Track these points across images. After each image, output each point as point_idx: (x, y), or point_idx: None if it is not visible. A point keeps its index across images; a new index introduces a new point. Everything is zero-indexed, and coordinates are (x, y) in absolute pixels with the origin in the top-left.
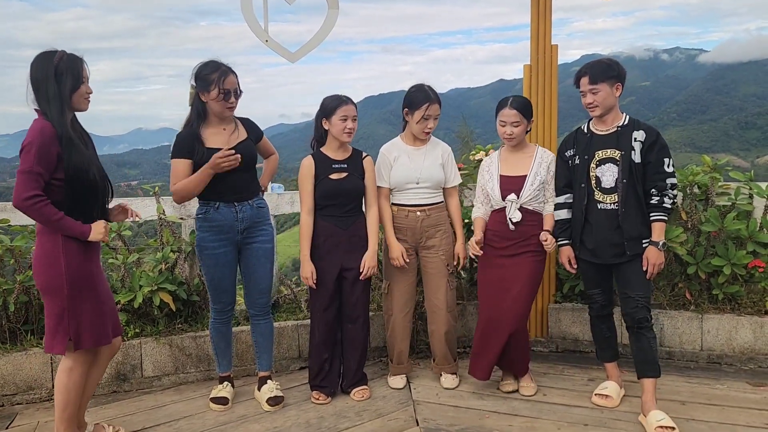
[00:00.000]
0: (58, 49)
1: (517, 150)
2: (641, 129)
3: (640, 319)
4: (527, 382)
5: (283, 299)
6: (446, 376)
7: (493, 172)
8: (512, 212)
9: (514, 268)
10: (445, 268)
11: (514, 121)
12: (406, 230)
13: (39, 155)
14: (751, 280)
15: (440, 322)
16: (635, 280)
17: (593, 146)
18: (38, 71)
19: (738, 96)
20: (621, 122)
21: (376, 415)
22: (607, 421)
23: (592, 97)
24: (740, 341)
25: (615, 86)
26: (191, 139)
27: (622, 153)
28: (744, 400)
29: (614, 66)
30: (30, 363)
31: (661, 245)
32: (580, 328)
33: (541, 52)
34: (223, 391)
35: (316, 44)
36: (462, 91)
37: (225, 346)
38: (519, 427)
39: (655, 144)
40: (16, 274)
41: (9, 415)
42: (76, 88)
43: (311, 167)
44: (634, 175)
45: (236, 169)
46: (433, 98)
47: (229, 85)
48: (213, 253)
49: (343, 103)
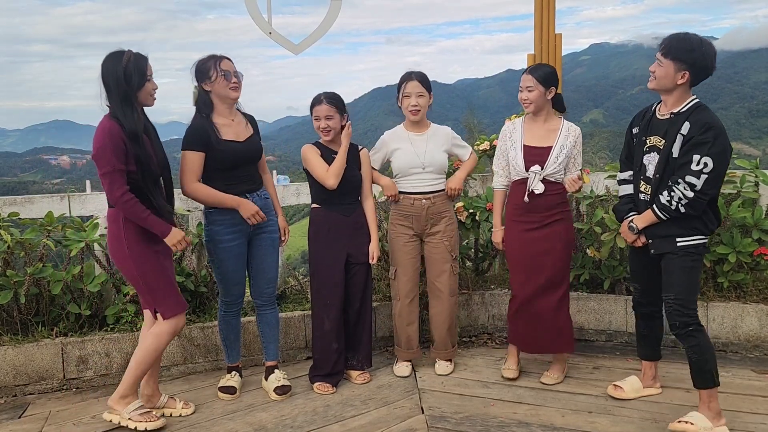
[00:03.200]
0: (125, 49)
1: (543, 121)
2: (691, 120)
3: (672, 324)
4: (554, 372)
5: (289, 290)
6: (440, 363)
7: (516, 140)
8: (535, 184)
9: (544, 241)
10: (448, 254)
11: (528, 85)
12: (412, 218)
13: (116, 154)
14: (756, 268)
15: (441, 306)
16: (669, 281)
17: (649, 130)
18: (108, 72)
19: (749, 84)
20: (679, 108)
21: (382, 403)
22: (611, 408)
23: (654, 67)
24: (745, 329)
25: (682, 73)
26: (205, 129)
27: (664, 143)
28: (749, 387)
29: (695, 53)
30: (41, 354)
31: (630, 227)
32: (585, 317)
33: (544, 41)
34: (231, 380)
35: (319, 36)
36: (470, 81)
37: (234, 337)
38: (523, 415)
39: (695, 137)
40: (26, 267)
41: (21, 404)
42: (142, 86)
43: (315, 148)
44: (669, 169)
45: (248, 161)
46: (411, 77)
47: (225, 66)
48: (227, 246)
49: (316, 103)
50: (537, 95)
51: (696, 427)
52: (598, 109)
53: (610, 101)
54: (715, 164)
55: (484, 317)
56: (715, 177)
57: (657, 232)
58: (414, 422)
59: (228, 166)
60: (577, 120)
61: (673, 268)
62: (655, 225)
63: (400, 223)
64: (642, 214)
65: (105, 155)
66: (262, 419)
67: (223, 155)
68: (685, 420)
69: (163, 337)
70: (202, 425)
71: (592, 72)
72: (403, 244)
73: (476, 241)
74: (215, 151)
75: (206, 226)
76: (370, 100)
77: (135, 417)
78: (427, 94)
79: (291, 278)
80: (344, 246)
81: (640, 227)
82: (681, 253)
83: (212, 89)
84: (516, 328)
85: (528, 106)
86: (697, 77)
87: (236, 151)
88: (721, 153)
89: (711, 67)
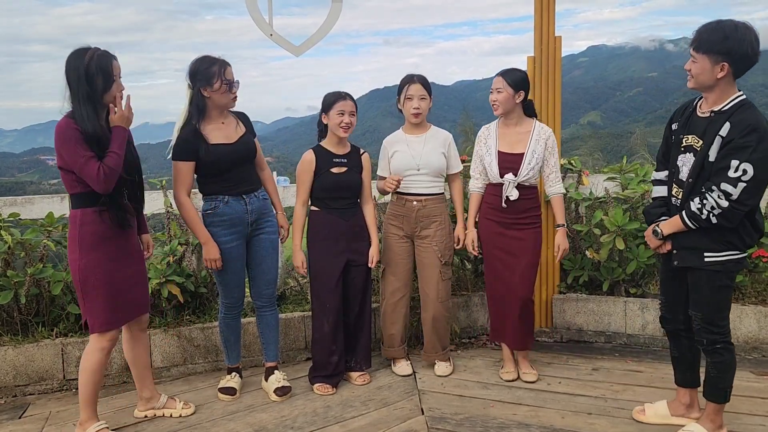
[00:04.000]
0: (90, 47)
1: (515, 124)
2: (732, 120)
3: (699, 341)
4: (528, 369)
5: (289, 291)
6: (440, 364)
7: (491, 146)
8: (509, 190)
9: (517, 242)
10: (437, 260)
11: (498, 87)
12: (402, 218)
13: (82, 145)
14: (755, 269)
15: (429, 310)
16: (696, 300)
17: (687, 128)
18: (70, 71)
19: (746, 86)
20: (721, 106)
21: (382, 404)
22: (610, 410)
23: (689, 65)
24: (744, 330)
25: (720, 65)
26: (194, 138)
27: (702, 144)
28: (747, 388)
29: (730, 41)
30: (41, 354)
31: (654, 230)
32: (584, 319)
33: (544, 43)
34: (231, 381)
35: (320, 37)
36: (468, 83)
37: (235, 339)
38: (523, 416)
39: (735, 140)
40: (26, 267)
41: (22, 405)
42: (108, 89)
43: (312, 162)
44: (704, 174)
45: (242, 161)
46: (414, 79)
47: (230, 75)
48: (226, 248)
49: (341, 98)
50: (505, 97)
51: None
52: (596, 111)
53: (607, 103)
54: (756, 172)
55: (483, 318)
56: (755, 186)
57: (683, 242)
58: (414, 423)
59: (221, 169)
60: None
61: (702, 287)
62: (682, 234)
63: (392, 222)
64: (669, 220)
65: (73, 149)
66: (262, 420)
67: (213, 160)
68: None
69: (91, 355)
70: (203, 426)
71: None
72: (393, 243)
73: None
74: (205, 158)
75: None
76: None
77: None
78: (428, 97)
79: (291, 279)
80: (343, 250)
81: (665, 234)
82: (710, 269)
83: (211, 96)
84: (493, 324)
85: (496, 108)
86: (739, 67)
87: (227, 154)
88: (763, 159)
89: (754, 54)
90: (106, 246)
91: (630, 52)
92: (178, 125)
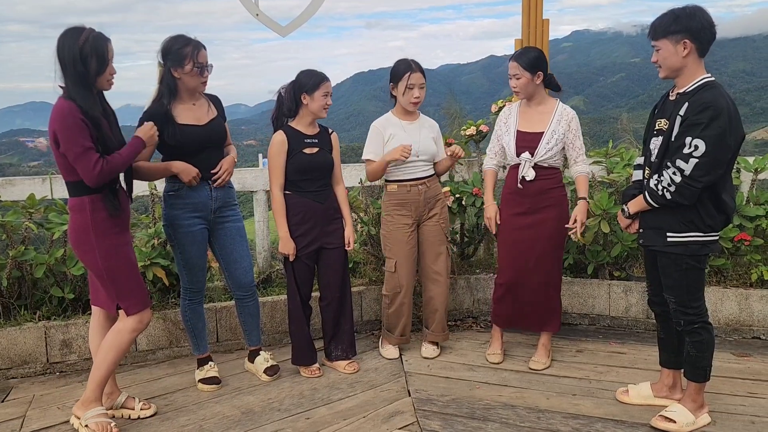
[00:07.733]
0: (85, 27)
1: (536, 104)
2: (691, 100)
3: (676, 322)
4: (539, 357)
5: (275, 274)
6: (426, 346)
7: (510, 126)
8: (525, 170)
9: (534, 228)
10: (444, 236)
11: (514, 73)
12: (410, 205)
13: (82, 134)
14: (737, 253)
15: (439, 288)
16: (666, 284)
17: (660, 112)
18: (64, 51)
19: (727, 72)
20: (685, 88)
21: (369, 386)
22: (594, 391)
23: (654, 56)
24: (725, 313)
25: (681, 43)
26: (160, 117)
27: (668, 126)
28: (728, 369)
29: (681, 18)
30: (24, 338)
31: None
32: (569, 301)
33: (532, 26)
34: (211, 371)
35: (306, 18)
36: (452, 67)
37: (202, 326)
38: (508, 397)
39: (689, 118)
40: (8, 250)
41: (4, 389)
42: (102, 72)
43: (284, 143)
44: (669, 154)
45: (208, 147)
46: (414, 68)
47: (203, 59)
48: (189, 231)
49: (325, 80)
50: (525, 82)
51: (678, 425)
52: (579, 96)
53: (591, 88)
54: (708, 148)
55: (469, 301)
56: (707, 162)
57: (649, 222)
58: (401, 405)
59: (189, 151)
60: None
61: (669, 270)
62: (648, 214)
63: (398, 212)
64: (635, 199)
65: (72, 136)
66: (249, 402)
67: (180, 140)
68: (666, 416)
69: (125, 335)
70: (189, 408)
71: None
72: (400, 235)
73: (462, 226)
74: (169, 140)
75: (165, 210)
76: (353, 85)
77: (91, 424)
78: (425, 85)
79: (277, 262)
80: (317, 234)
81: (631, 212)
82: (674, 252)
83: (182, 78)
84: (500, 309)
85: (518, 94)
86: (701, 42)
87: (195, 135)
88: (717, 136)
89: (710, 25)
90: (120, 228)
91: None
92: (148, 103)
